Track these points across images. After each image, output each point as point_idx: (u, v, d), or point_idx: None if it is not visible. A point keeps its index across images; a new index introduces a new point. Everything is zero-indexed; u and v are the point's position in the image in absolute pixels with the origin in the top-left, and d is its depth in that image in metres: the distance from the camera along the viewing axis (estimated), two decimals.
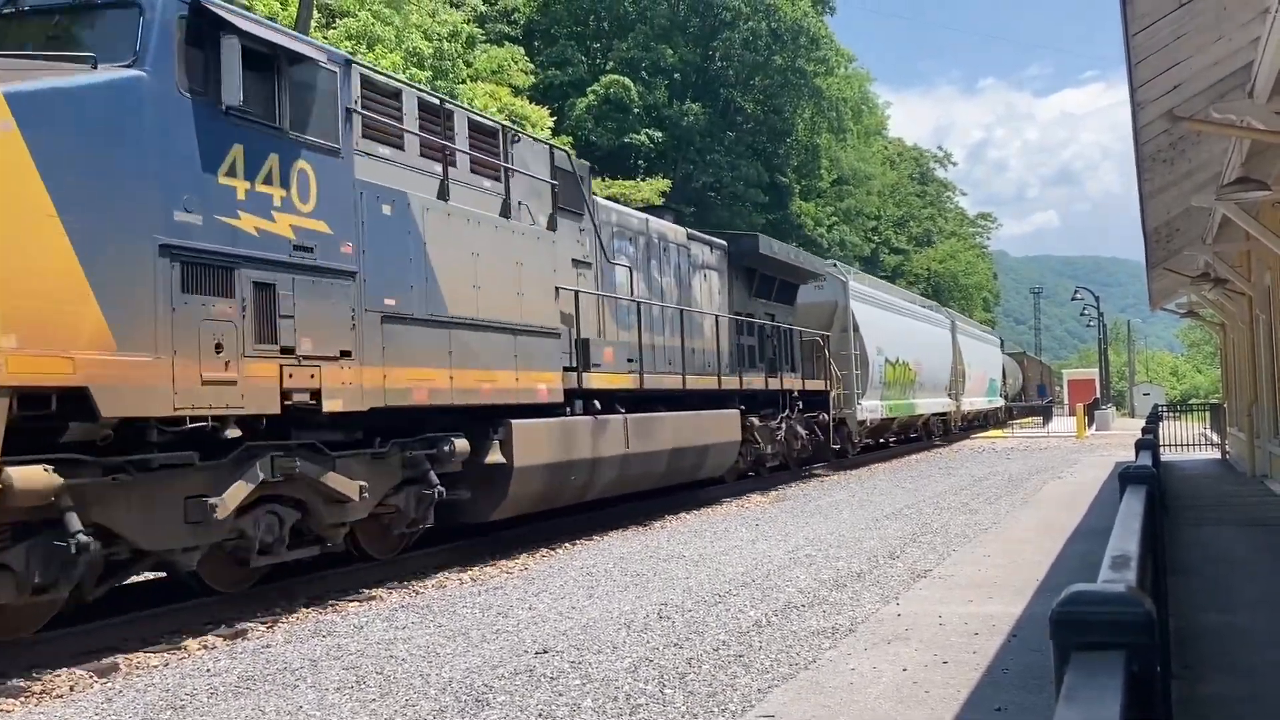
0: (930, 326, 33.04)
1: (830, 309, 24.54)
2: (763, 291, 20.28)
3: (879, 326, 26.13)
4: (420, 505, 10.04)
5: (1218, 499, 15.43)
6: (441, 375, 9.94)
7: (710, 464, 16.25)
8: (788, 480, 20.31)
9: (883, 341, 26.01)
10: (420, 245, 9.77)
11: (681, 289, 16.52)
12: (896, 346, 27.35)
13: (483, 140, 11.34)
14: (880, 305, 27.67)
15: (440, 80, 31.15)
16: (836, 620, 7.64)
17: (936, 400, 32.19)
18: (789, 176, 55.22)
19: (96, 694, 6.32)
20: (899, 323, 28.77)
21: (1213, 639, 6.70)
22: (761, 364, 19.22)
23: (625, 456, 13.25)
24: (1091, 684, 1.22)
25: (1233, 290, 17.77)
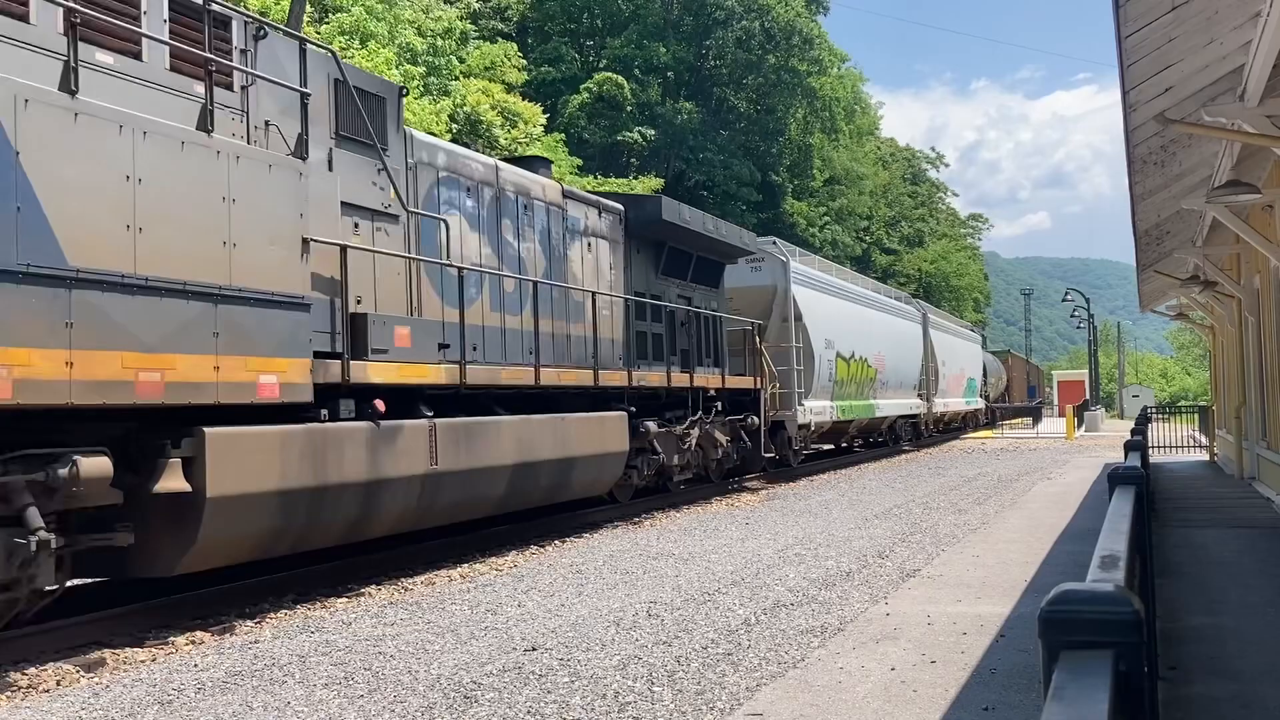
0: (896, 319, 29.95)
1: (768, 294, 21.17)
2: (674, 269, 16.86)
3: (829, 316, 23.15)
4: (12, 560, 6.58)
5: (1206, 501, 15.49)
6: (48, 359, 6.58)
7: (580, 481, 12.96)
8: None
9: (834, 333, 23.14)
10: (9, 157, 6.46)
11: (552, 259, 13.23)
12: (852, 340, 24.38)
13: (190, 25, 8.05)
14: (831, 292, 24.41)
15: (434, 77, 31.11)
16: (825, 619, 7.65)
17: (904, 401, 29.58)
18: (781, 176, 55.30)
19: (83, 689, 6.30)
20: (855, 313, 25.67)
21: (1199, 640, 6.72)
22: (673, 357, 16.19)
23: (431, 477, 9.94)
24: (1079, 683, 1.22)
25: (1222, 293, 17.84)
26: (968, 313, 76.42)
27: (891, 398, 28.04)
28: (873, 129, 74.91)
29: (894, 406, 28.41)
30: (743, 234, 19.27)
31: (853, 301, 25.92)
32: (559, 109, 44.72)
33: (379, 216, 10.11)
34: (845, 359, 23.81)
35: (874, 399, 26.31)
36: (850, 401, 24.21)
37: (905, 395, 29.80)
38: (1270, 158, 10.69)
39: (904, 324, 30.58)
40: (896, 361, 28.53)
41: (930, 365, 32.71)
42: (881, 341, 26.97)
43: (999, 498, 16.26)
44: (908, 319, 31.33)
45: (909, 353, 30.31)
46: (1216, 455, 23.93)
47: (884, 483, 19.53)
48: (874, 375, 26.16)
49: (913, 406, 30.60)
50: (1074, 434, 38.11)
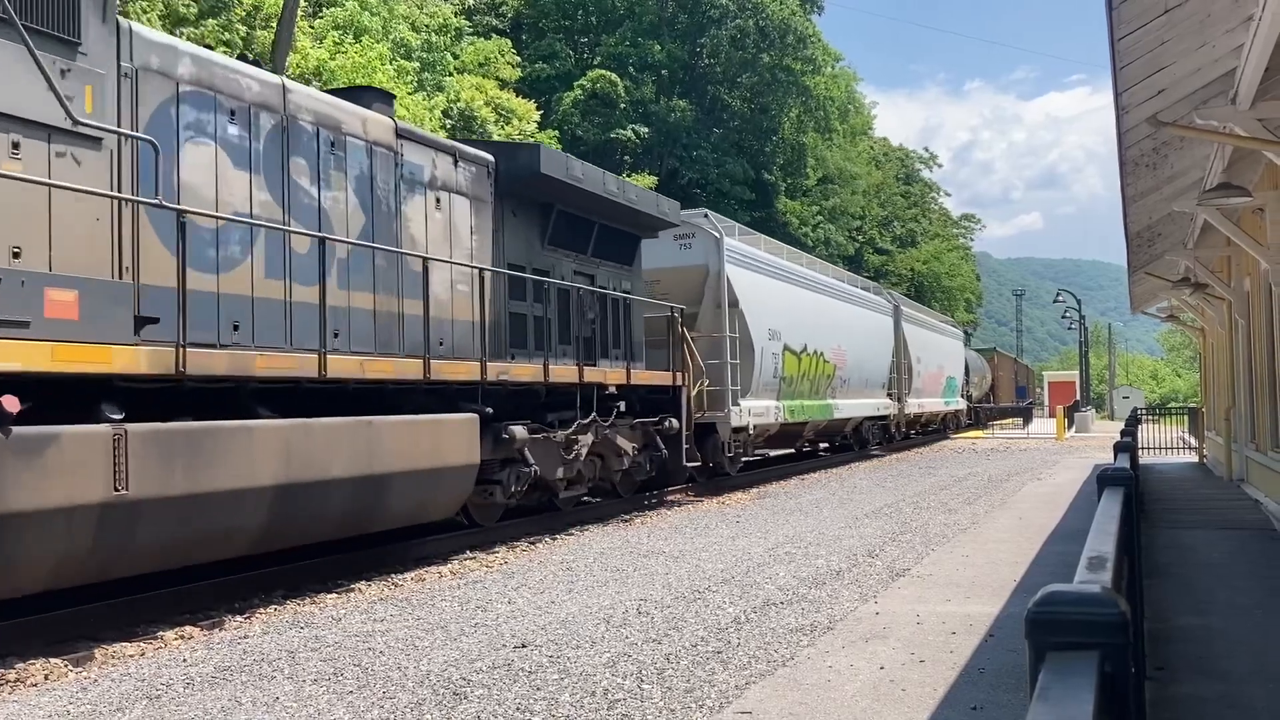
0: (863, 310, 27.00)
1: (699, 276, 18.20)
2: (568, 239, 13.85)
3: (773, 303, 20.14)
4: None
5: (1194, 502, 15.55)
6: None
7: (400, 505, 10.04)
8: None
9: (781, 324, 20.24)
10: None
11: (377, 215, 10.43)
12: (804, 331, 21.52)
13: None
14: (778, 275, 21.19)
15: (428, 73, 31.06)
16: (815, 618, 7.66)
17: (871, 401, 26.87)
18: (774, 174, 55.32)
19: (71, 683, 6.29)
20: (809, 301, 22.60)
21: (1187, 641, 6.75)
22: (565, 346, 13.36)
23: (117, 508, 7.06)
24: (1065, 683, 1.23)
25: (1213, 295, 17.89)
26: (959, 313, 76.52)
27: (855, 397, 25.43)
28: (866, 129, 74.97)
29: (858, 407, 25.73)
30: (661, 201, 16.11)
31: (806, 288, 22.85)
32: (553, 106, 44.69)
33: (62, 136, 7.20)
34: (795, 353, 20.99)
35: (833, 398, 23.59)
36: (802, 401, 21.44)
37: (872, 394, 27.16)
38: (1261, 161, 10.72)
39: (872, 316, 27.83)
40: (862, 357, 25.85)
41: (903, 362, 30.00)
42: (843, 334, 24.24)
43: (989, 498, 16.30)
44: (877, 311, 28.49)
45: (877, 348, 27.59)
46: (1205, 457, 24.01)
47: (874, 482, 19.56)
48: (832, 372, 23.43)
49: (881, 407, 27.85)
50: (1064, 435, 38.21)
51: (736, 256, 19.03)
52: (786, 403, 20.50)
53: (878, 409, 27.55)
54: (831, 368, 23.34)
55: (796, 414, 21.07)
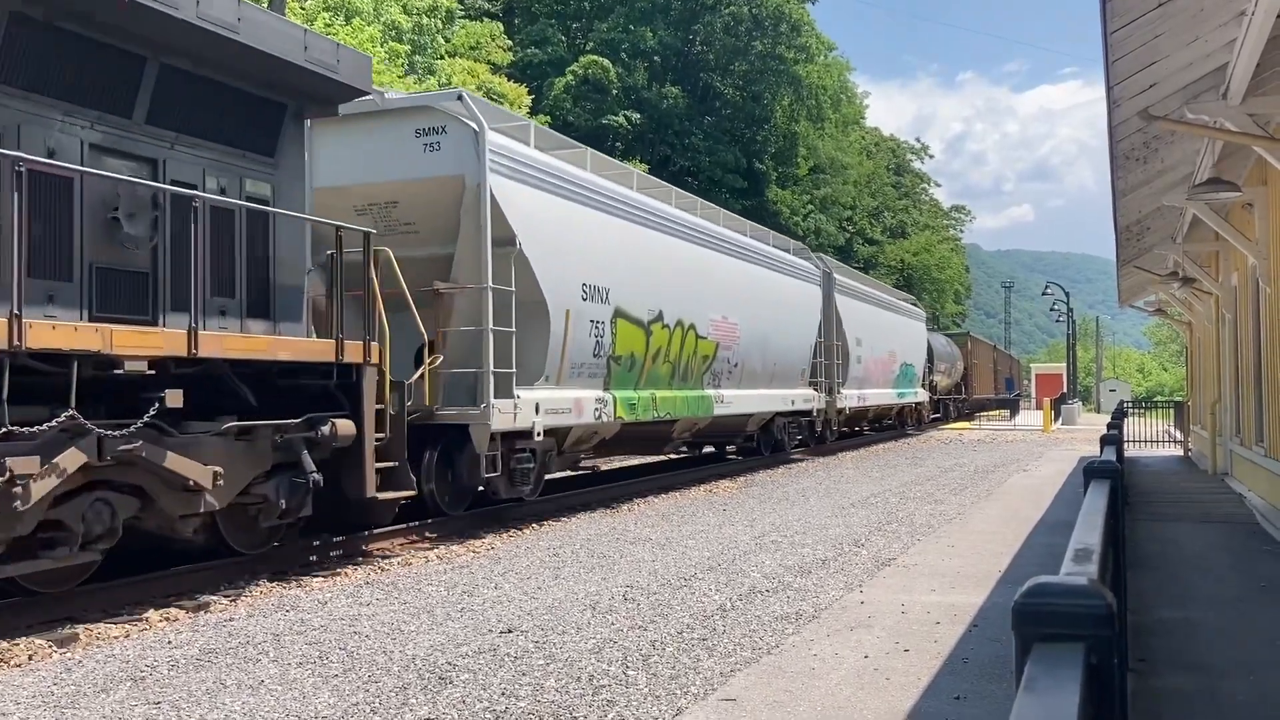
0: (767, 273, 20.46)
1: (453, 194, 11.78)
2: (79, 86, 7.78)
3: (594, 247, 13.66)
4: None
5: (1179, 495, 15.64)
6: None
7: None
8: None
9: (610, 279, 13.91)
10: None
11: None
12: (658, 293, 15.29)
13: None
14: (604, 205, 14.19)
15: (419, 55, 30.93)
16: (800, 606, 7.69)
17: (782, 392, 21.01)
18: (766, 163, 55.31)
19: (55, 664, 6.27)
20: (670, 251, 15.98)
21: (1170, 633, 6.80)
22: (59, 283, 7.44)
23: None
24: (1051, 675, 1.23)
25: (1200, 290, 17.97)
26: (949, 305, 76.74)
27: (756, 386, 19.60)
28: (858, 118, 74.97)
29: (762, 399, 19.94)
30: (323, 47, 9.51)
31: (663, 230, 15.81)
32: (544, 91, 44.58)
33: None
34: (640, 323, 14.75)
35: (716, 388, 17.77)
36: (658, 392, 15.37)
37: (786, 384, 21.31)
38: (1251, 156, 10.76)
39: (787, 283, 21.53)
40: (766, 335, 19.83)
41: (835, 344, 24.67)
42: (734, 303, 18.25)
43: (975, 489, 16.36)
44: (795, 276, 22.19)
45: (794, 325, 21.71)
46: (1191, 451, 24.15)
47: (861, 472, 19.62)
48: (712, 352, 17.38)
49: (800, 400, 22.06)
50: (1051, 427, 38.37)
51: (514, 165, 12.02)
52: (623, 394, 14.18)
53: (793, 402, 21.59)
54: (710, 347, 17.29)
55: (644, 410, 14.76)
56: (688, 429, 17.81)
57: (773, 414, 21.04)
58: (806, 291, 22.94)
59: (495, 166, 11.69)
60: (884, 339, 29.58)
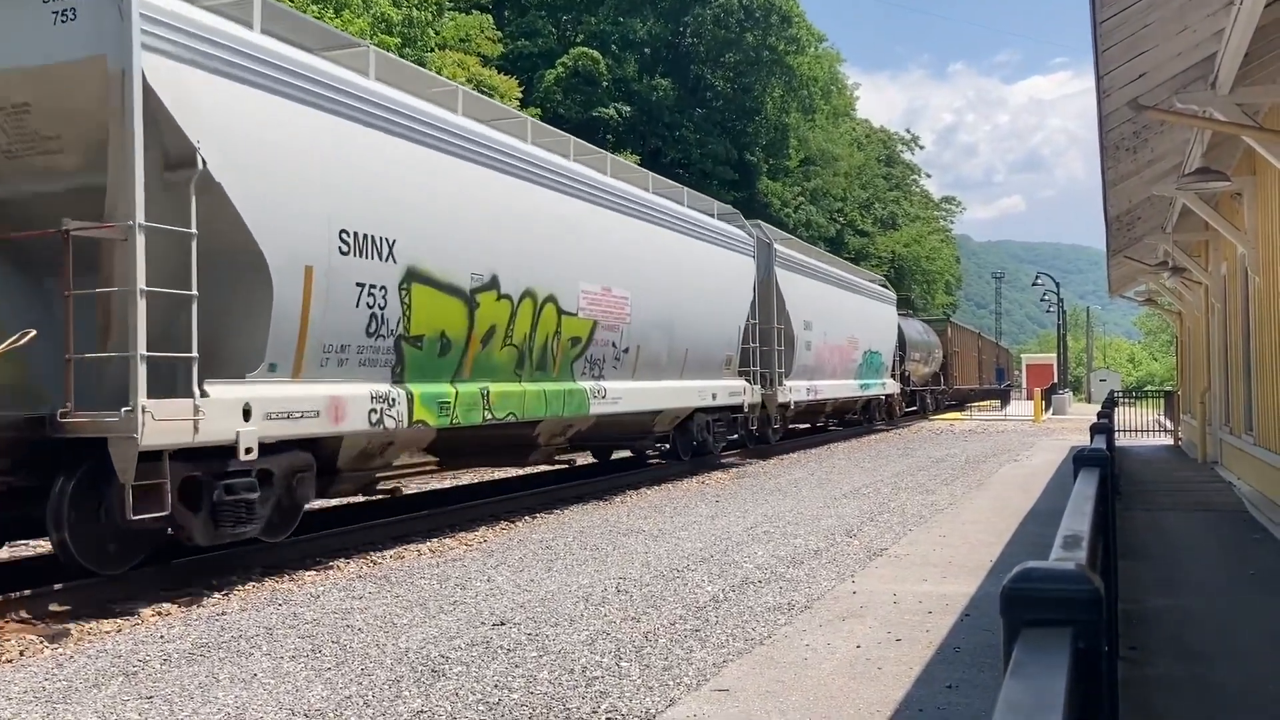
0: (676, 237, 16.55)
1: (94, 88, 7.72)
2: None
3: (347, 176, 9.46)
4: None
5: (1169, 484, 15.70)
6: None
7: None
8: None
9: (386, 223, 9.87)
10: None
11: None
12: (487, 251, 11.43)
13: None
14: (365, 116, 9.75)
15: (409, 48, 30.86)
16: (793, 597, 7.71)
17: (697, 384, 17.08)
18: (757, 155, 55.29)
19: (47, 659, 6.26)
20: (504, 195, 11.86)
21: (1160, 621, 6.83)
22: None
23: None
24: (1038, 660, 1.24)
25: (1190, 279, 18.02)
26: (939, 296, 76.86)
27: (658, 377, 15.77)
28: (849, 110, 74.97)
29: (667, 394, 16.11)
30: None
31: (489, 163, 11.59)
32: (535, 83, 44.51)
33: None
34: (450, 290, 10.74)
35: (592, 379, 13.82)
36: (491, 386, 11.53)
37: (703, 373, 17.44)
38: (1240, 146, 10.79)
39: (705, 251, 17.64)
40: (674, 314, 16.10)
41: (776, 328, 20.69)
42: (622, 271, 14.47)
43: (966, 479, 16.41)
44: (718, 244, 18.36)
45: (717, 302, 17.97)
46: (1181, 440, 24.24)
47: (853, 462, 19.66)
48: (585, 334, 13.49)
49: (724, 393, 18.24)
50: (1041, 417, 38.48)
51: (208, 49, 8.20)
52: (427, 388, 10.42)
53: (713, 396, 17.78)
54: (584, 327, 13.40)
55: (469, 410, 11.01)
56: (559, 432, 13.93)
57: (691, 410, 17.38)
58: (734, 264, 18.94)
59: (160, 44, 7.74)
60: (843, 323, 26.10)
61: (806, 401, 23.17)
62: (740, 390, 18.93)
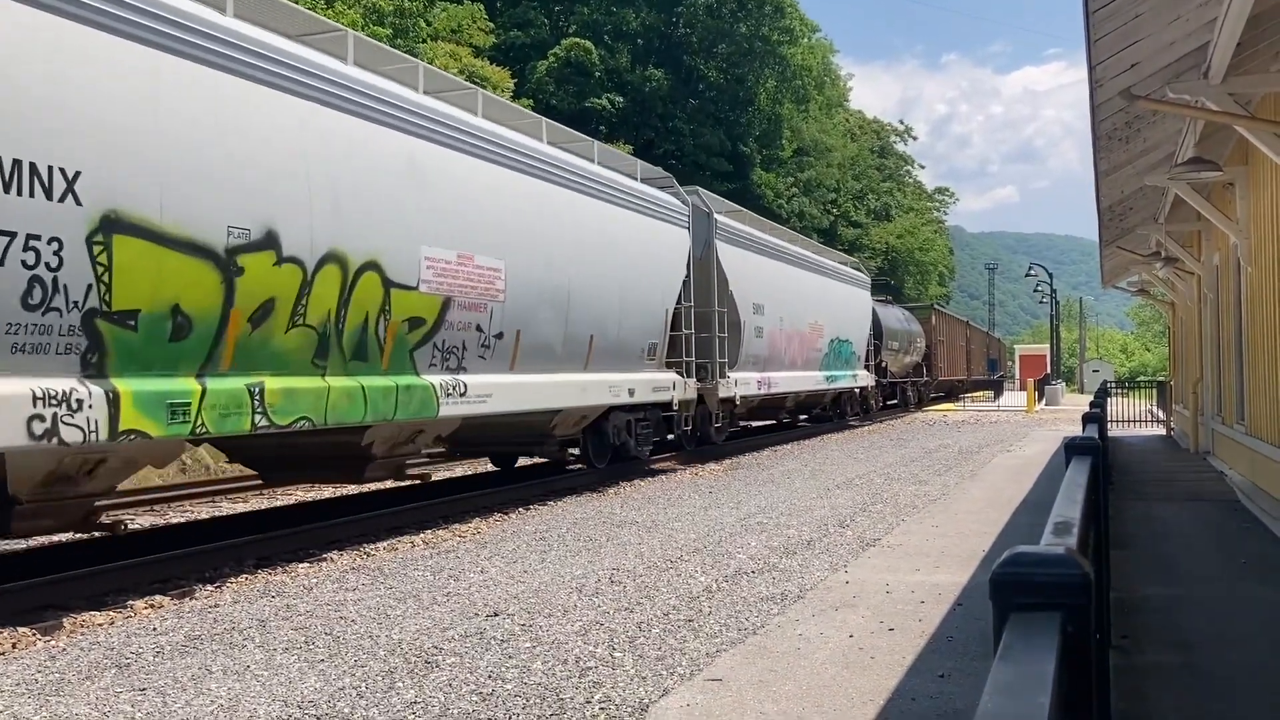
0: (576, 198, 13.66)
1: None
2: None
3: None
4: None
5: (1161, 474, 15.74)
6: None
7: None
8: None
9: (59, 145, 6.91)
10: None
11: None
12: (255, 196, 8.51)
13: None
14: None
15: (400, 39, 30.75)
16: (786, 587, 7.72)
17: (607, 378, 14.25)
18: (750, 146, 55.23)
19: (40, 651, 6.25)
20: (282, 118, 8.86)
21: (1152, 610, 6.85)
22: None
23: None
24: (1027, 643, 1.24)
25: (1182, 269, 18.05)
26: (933, 287, 76.89)
27: (551, 370, 12.97)
28: (842, 100, 74.90)
29: (562, 390, 13.16)
30: None
31: (256, 76, 8.61)
32: (527, 74, 44.40)
33: None
34: (188, 246, 7.93)
35: (443, 371, 10.99)
36: (270, 380, 8.74)
37: (618, 365, 14.62)
38: (1233, 136, 10.79)
39: (617, 216, 14.66)
40: (572, 291, 13.26)
41: (717, 312, 17.97)
42: (493, 235, 11.66)
43: (959, 469, 16.44)
44: (637, 209, 15.37)
45: (635, 279, 15.01)
46: (1173, 430, 24.31)
47: (846, 453, 19.68)
48: (431, 313, 10.68)
49: (644, 388, 15.28)
50: (1034, 407, 38.56)
51: None
52: (151, 385, 7.69)
53: (630, 392, 14.79)
54: (427, 305, 10.55)
55: (229, 414, 8.30)
56: (404, 440, 11.03)
57: (604, 408, 14.58)
58: (662, 236, 16.05)
59: None
60: (804, 307, 23.49)
61: (758, 396, 20.55)
62: (668, 384, 16.15)
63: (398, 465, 11.38)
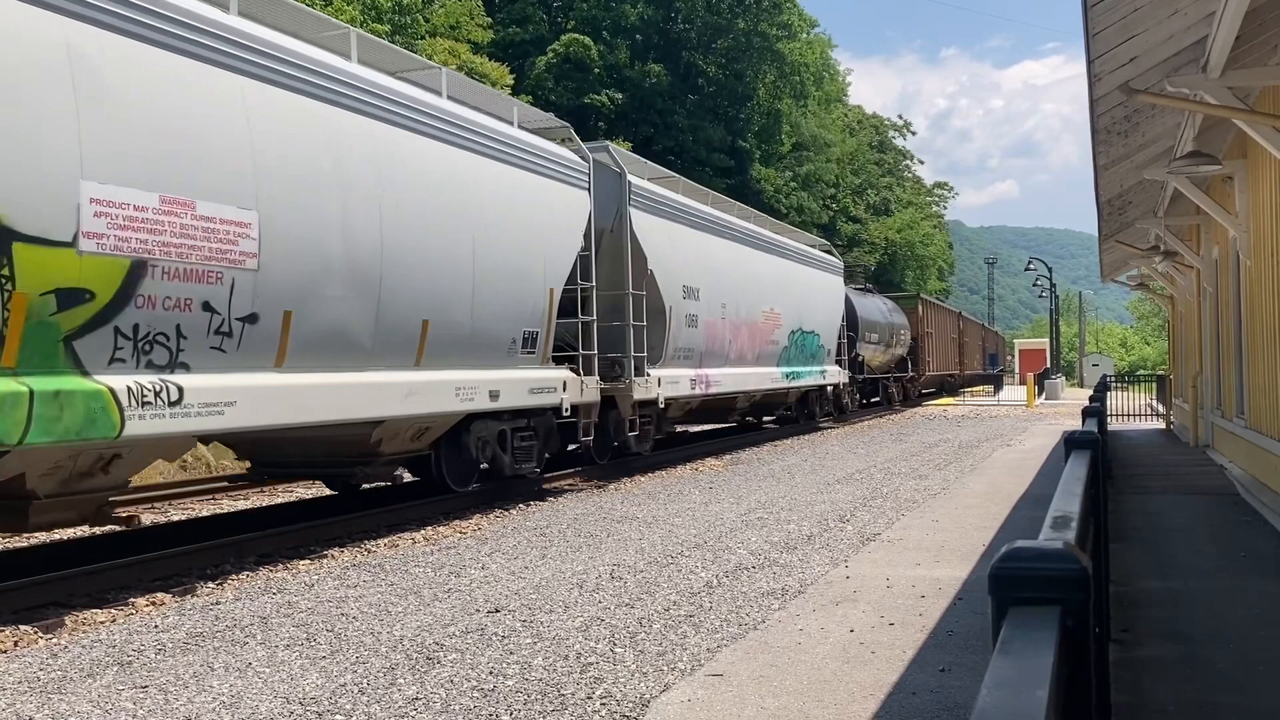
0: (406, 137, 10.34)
1: None
2: None
3: None
4: None
5: (1161, 468, 15.75)
6: None
7: None
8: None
9: None
10: None
11: None
12: None
13: None
14: None
15: (399, 36, 30.74)
16: (786, 582, 7.73)
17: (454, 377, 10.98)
18: (749, 141, 55.18)
19: (41, 649, 6.26)
20: None
21: (1151, 604, 6.86)
22: None
23: None
24: (1026, 637, 1.25)
25: (1182, 263, 18.05)
26: (932, 281, 76.89)
27: (356, 366, 9.71)
28: (840, 96, 74.80)
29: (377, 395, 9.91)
30: None
31: None
32: (526, 70, 44.35)
33: None
34: None
35: (148, 371, 7.57)
36: None
37: (476, 360, 11.51)
38: (1231, 129, 10.80)
39: (473, 165, 11.47)
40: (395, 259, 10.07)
41: (631, 295, 14.72)
42: (236, 173, 8.30)
43: (959, 463, 16.45)
44: (504, 159, 12.07)
45: (501, 248, 11.81)
46: (1173, 423, 24.31)
47: (846, 448, 19.69)
48: (107, 283, 7.22)
49: (518, 390, 12.17)
50: (1034, 402, 38.56)
51: None
52: None
53: (494, 395, 11.63)
54: (96, 269, 7.17)
55: None
56: (82, 469, 7.72)
57: (460, 416, 11.36)
58: (546, 195, 12.68)
59: None
60: (756, 294, 20.34)
61: (695, 396, 17.45)
62: (554, 384, 12.78)
63: (91, 504, 8.14)
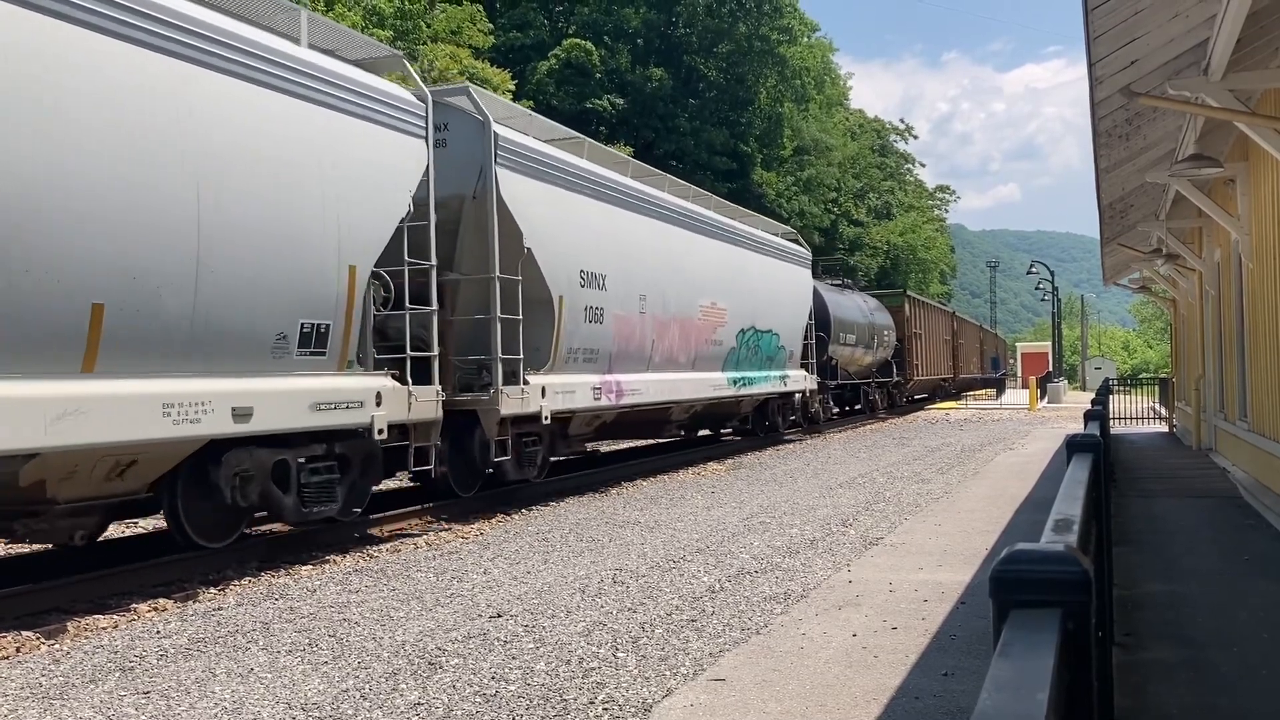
0: (117, 47, 7.12)
1: None
2: None
3: None
4: None
5: (1164, 471, 15.73)
6: None
7: None
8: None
9: None
10: None
11: None
12: None
13: None
14: None
15: (401, 41, 30.79)
16: (789, 586, 7.72)
17: (138, 389, 7.32)
18: (751, 145, 55.20)
19: (43, 655, 6.26)
20: None
21: (1154, 607, 6.85)
22: None
23: None
24: (1027, 640, 1.24)
25: (1184, 266, 18.03)
26: (934, 284, 76.87)
27: None
28: (841, 99, 74.83)
29: None
30: None
31: None
32: (528, 75, 44.40)
33: None
34: None
35: None
36: None
37: (212, 364, 8.04)
38: (1233, 132, 10.79)
39: (233, 91, 8.13)
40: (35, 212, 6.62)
41: (498, 280, 11.57)
42: None
43: (962, 468, 16.43)
44: (271, 85, 8.53)
45: (255, 202, 8.35)
46: (1175, 427, 24.29)
47: (849, 452, 19.67)
48: None
49: (297, 406, 8.78)
50: (1037, 405, 38.53)
51: None
52: None
53: (243, 414, 8.20)
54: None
55: None
56: None
57: (201, 442, 8.13)
58: (349, 139, 9.51)
59: None
60: (692, 284, 17.12)
61: (603, 409, 14.37)
62: (356, 398, 9.51)
63: None
